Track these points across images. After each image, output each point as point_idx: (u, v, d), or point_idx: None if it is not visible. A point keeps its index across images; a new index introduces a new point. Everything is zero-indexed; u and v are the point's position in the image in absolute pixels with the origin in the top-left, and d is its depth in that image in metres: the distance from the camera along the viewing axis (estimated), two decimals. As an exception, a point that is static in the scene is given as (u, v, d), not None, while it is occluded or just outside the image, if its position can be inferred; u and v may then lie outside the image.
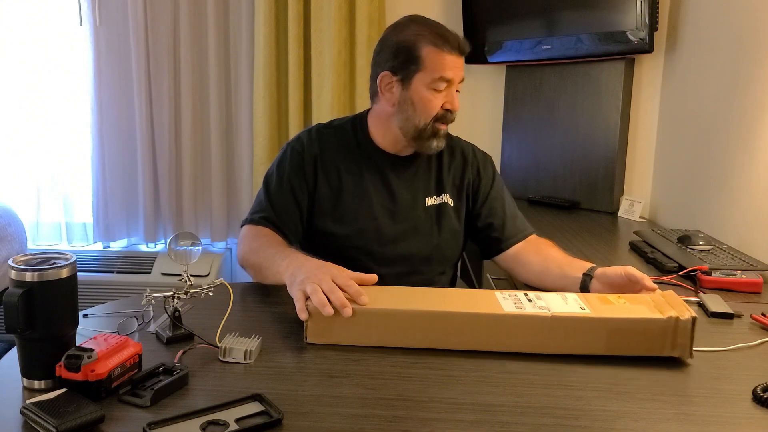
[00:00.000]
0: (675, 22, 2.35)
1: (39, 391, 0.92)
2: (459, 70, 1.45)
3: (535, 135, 2.63)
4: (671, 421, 0.90)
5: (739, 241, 1.80)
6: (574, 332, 1.08)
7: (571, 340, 1.09)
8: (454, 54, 1.43)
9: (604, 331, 1.08)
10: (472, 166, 1.59)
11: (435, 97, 1.44)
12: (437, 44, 1.42)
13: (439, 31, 1.44)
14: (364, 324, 1.10)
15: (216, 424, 0.85)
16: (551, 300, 1.14)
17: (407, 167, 1.54)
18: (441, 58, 1.42)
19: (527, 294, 1.16)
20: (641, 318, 1.08)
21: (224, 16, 2.67)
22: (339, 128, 1.57)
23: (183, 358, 1.04)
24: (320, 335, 1.11)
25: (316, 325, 1.11)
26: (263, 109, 2.61)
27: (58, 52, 2.71)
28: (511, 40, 2.56)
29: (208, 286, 1.15)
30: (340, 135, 1.55)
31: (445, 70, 1.42)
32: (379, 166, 1.53)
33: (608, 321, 1.08)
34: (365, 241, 1.49)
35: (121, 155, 2.76)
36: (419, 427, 0.87)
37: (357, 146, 1.54)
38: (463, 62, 1.46)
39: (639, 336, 1.08)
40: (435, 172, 1.56)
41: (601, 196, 2.47)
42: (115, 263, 2.72)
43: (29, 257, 0.96)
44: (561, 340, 1.09)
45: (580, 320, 1.08)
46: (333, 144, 1.53)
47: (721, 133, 1.96)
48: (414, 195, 1.53)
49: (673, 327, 1.07)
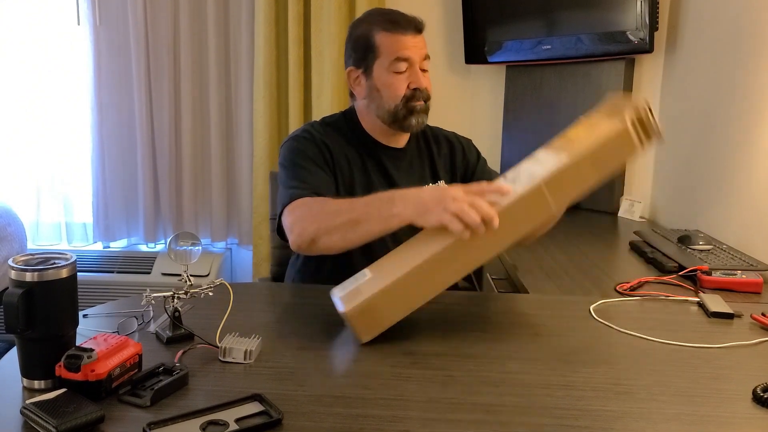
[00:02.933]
0: (675, 22, 2.35)
1: (39, 391, 0.92)
2: (416, 48, 1.47)
3: (535, 135, 2.63)
4: (671, 421, 0.90)
5: (739, 241, 1.80)
6: (569, 184, 1.12)
7: (569, 192, 1.12)
8: (408, 34, 1.46)
9: (589, 164, 1.12)
10: (458, 150, 1.63)
11: (397, 79, 1.47)
12: (388, 29, 1.46)
13: (391, 16, 1.48)
14: (402, 293, 1.10)
15: (216, 424, 0.85)
16: (529, 170, 1.17)
17: (402, 158, 1.57)
18: (394, 40, 1.46)
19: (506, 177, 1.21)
20: (612, 134, 1.12)
21: (224, 16, 2.68)
22: (335, 124, 1.57)
23: (183, 358, 1.04)
24: (371, 328, 1.11)
25: (363, 321, 1.10)
26: (263, 109, 2.62)
27: (58, 52, 2.71)
28: (511, 40, 2.56)
29: (208, 286, 1.15)
30: (338, 130, 1.56)
31: (399, 50, 1.45)
32: (378, 157, 1.55)
33: (589, 154, 1.12)
34: None
35: (121, 155, 2.76)
36: (419, 427, 0.87)
37: (356, 139, 1.55)
38: (423, 40, 1.48)
39: (617, 149, 1.12)
40: (428, 161, 1.60)
41: (601, 196, 2.47)
42: (115, 263, 2.72)
43: (29, 257, 0.96)
44: (561, 197, 1.12)
45: (567, 172, 1.11)
46: (337, 138, 1.54)
47: (721, 133, 1.96)
48: (414, 184, 1.55)
49: (636, 123, 1.11)
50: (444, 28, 2.70)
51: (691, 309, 1.36)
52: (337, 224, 1.25)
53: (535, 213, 1.14)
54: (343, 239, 1.26)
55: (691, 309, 1.36)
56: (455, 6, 2.65)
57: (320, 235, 1.27)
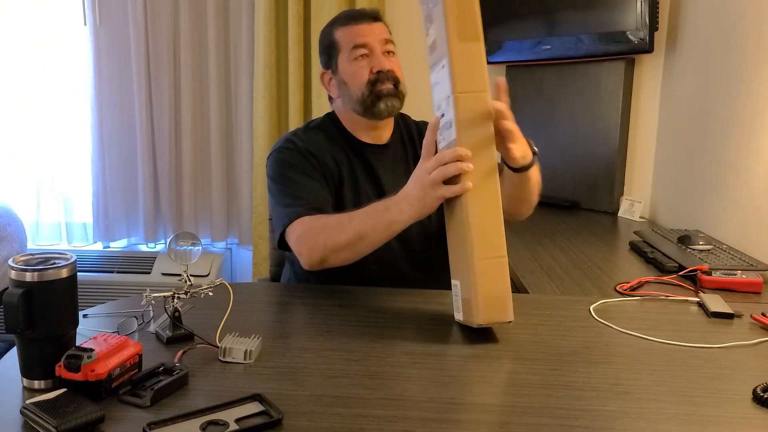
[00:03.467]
0: (675, 22, 2.35)
1: (39, 391, 0.92)
2: (374, 33, 1.49)
3: (535, 135, 2.60)
4: (671, 421, 0.90)
5: (739, 241, 1.80)
6: (470, 64, 1.23)
7: (478, 73, 1.23)
8: (363, 23, 1.50)
9: (457, 39, 1.20)
10: None
11: (360, 66, 1.49)
12: (344, 23, 1.51)
13: (346, 12, 1.54)
14: (486, 261, 1.13)
15: (216, 424, 0.85)
16: (442, 95, 1.24)
17: (386, 154, 1.57)
18: (350, 31, 1.50)
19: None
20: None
21: (224, 16, 2.68)
22: (319, 126, 1.58)
23: (183, 358, 1.04)
24: (504, 308, 1.13)
25: (495, 312, 1.12)
26: (263, 109, 2.61)
27: (58, 52, 2.71)
28: (511, 40, 2.56)
29: (208, 286, 1.15)
30: (323, 131, 1.56)
31: (356, 38, 1.49)
32: (364, 156, 1.55)
33: (453, 32, 1.19)
34: None
35: (121, 155, 2.76)
36: (419, 427, 0.87)
37: (340, 140, 1.56)
38: (381, 26, 1.52)
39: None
40: (412, 154, 1.60)
41: (601, 196, 2.47)
42: (115, 263, 2.72)
43: (29, 257, 0.96)
44: (478, 83, 1.25)
45: (456, 53, 1.21)
46: (321, 141, 1.54)
47: (721, 133, 1.96)
48: (398, 179, 1.54)
49: None
50: (444, 28, 2.70)
51: (691, 309, 1.36)
52: (343, 242, 1.28)
53: (480, 115, 1.22)
54: (352, 253, 1.30)
55: (691, 309, 1.36)
56: (455, 6, 2.64)
57: (328, 255, 1.30)
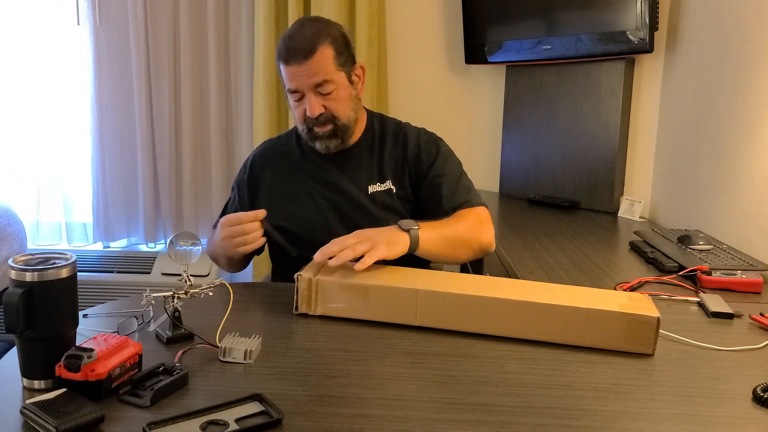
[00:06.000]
0: (675, 22, 2.35)
1: (39, 391, 0.92)
2: (304, 76, 1.42)
3: (535, 135, 2.63)
4: (671, 421, 0.90)
5: (739, 241, 1.80)
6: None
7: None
8: (292, 64, 1.43)
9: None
10: (412, 150, 1.57)
11: (296, 106, 1.49)
12: (279, 59, 1.46)
13: (284, 43, 1.45)
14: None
15: (216, 424, 0.85)
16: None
17: (348, 159, 1.57)
18: (284, 71, 1.46)
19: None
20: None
21: (224, 16, 2.68)
22: (285, 137, 1.66)
23: (183, 358, 1.04)
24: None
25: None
26: (263, 109, 2.62)
27: (58, 52, 2.71)
28: (511, 40, 2.56)
29: (208, 286, 1.15)
30: (283, 143, 1.64)
31: (288, 82, 1.46)
32: (318, 164, 1.57)
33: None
34: (316, 236, 1.48)
35: (121, 155, 2.76)
36: (419, 427, 0.87)
37: (299, 148, 1.60)
38: (313, 65, 1.41)
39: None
40: (377, 159, 1.57)
41: (601, 196, 2.47)
42: (115, 263, 2.72)
43: (29, 257, 0.96)
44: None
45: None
46: (273, 154, 1.63)
47: (721, 133, 1.96)
48: (357, 185, 1.55)
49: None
50: (444, 28, 2.70)
51: (691, 309, 1.36)
52: (210, 251, 1.58)
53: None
54: (222, 264, 1.57)
55: (691, 309, 1.36)
56: (455, 6, 2.65)
57: (213, 258, 1.58)
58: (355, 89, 1.51)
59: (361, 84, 1.54)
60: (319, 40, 1.42)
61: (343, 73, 1.47)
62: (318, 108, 1.45)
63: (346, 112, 1.48)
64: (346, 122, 1.49)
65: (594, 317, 1.11)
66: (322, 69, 1.43)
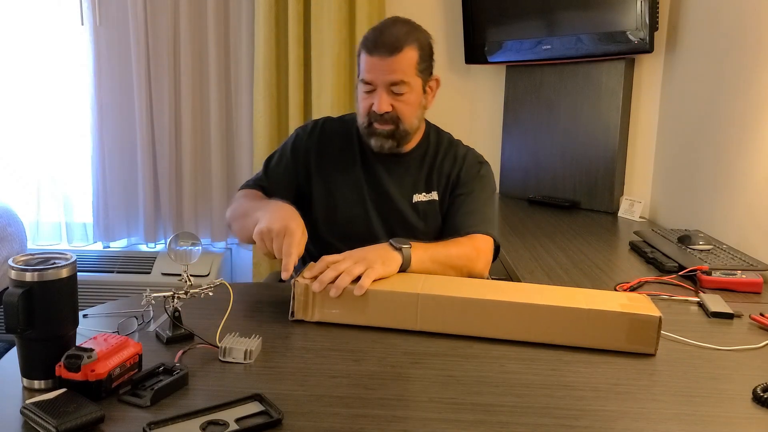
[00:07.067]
0: (675, 22, 2.35)
1: (39, 391, 0.92)
2: (380, 72, 1.43)
3: (535, 135, 2.63)
4: (671, 421, 0.90)
5: (739, 241, 1.80)
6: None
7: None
8: (376, 56, 1.43)
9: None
10: (457, 167, 1.58)
11: (363, 98, 1.48)
12: (364, 48, 1.46)
13: (373, 34, 1.46)
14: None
15: (216, 424, 0.85)
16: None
17: (398, 164, 1.56)
18: (364, 61, 1.46)
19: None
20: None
21: (224, 16, 2.67)
22: (346, 123, 1.60)
23: (183, 358, 1.04)
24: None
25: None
26: (263, 109, 2.61)
27: (58, 52, 2.71)
28: (511, 40, 2.56)
29: (208, 286, 1.15)
30: (344, 129, 1.59)
31: (364, 72, 1.46)
32: (371, 161, 1.56)
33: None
34: (354, 229, 1.51)
35: (121, 155, 2.76)
36: (419, 427, 0.87)
37: (358, 141, 1.57)
38: (394, 63, 1.42)
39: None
40: (426, 170, 1.57)
41: (601, 196, 2.47)
42: (115, 263, 2.72)
43: (29, 257, 0.96)
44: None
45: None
46: (332, 138, 1.57)
47: (721, 133, 1.96)
48: (402, 191, 1.55)
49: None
50: (444, 28, 2.70)
51: (691, 309, 1.36)
52: (240, 223, 1.46)
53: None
54: (236, 232, 1.49)
55: (691, 309, 1.36)
56: (455, 6, 2.65)
57: (229, 222, 1.52)
58: (425, 99, 1.51)
59: (432, 97, 1.54)
60: (408, 41, 1.43)
61: (420, 80, 1.47)
62: (386, 105, 1.44)
63: (410, 117, 1.48)
64: (408, 127, 1.49)
65: (596, 318, 1.11)
66: (403, 69, 1.43)
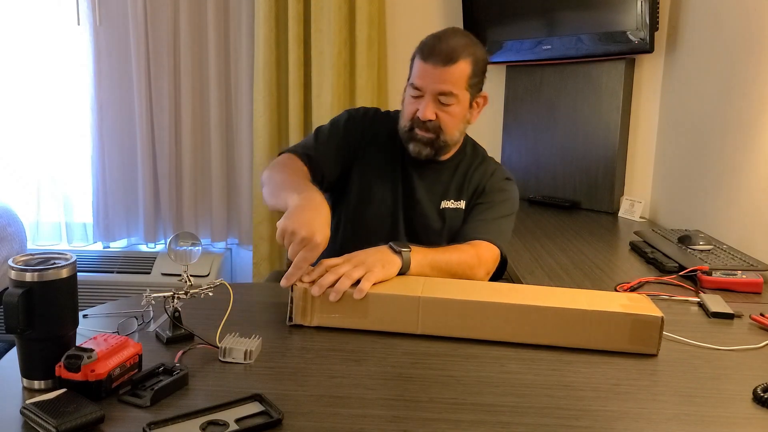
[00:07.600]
0: (675, 22, 2.36)
1: (39, 391, 0.92)
2: (431, 79, 1.43)
3: (535, 135, 2.63)
4: (671, 421, 0.90)
5: (739, 241, 1.80)
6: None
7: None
8: (430, 63, 1.43)
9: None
10: (484, 181, 1.58)
11: (409, 102, 1.48)
12: (419, 53, 1.46)
13: (431, 41, 1.46)
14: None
15: (216, 424, 0.85)
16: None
17: (432, 172, 1.56)
18: (417, 66, 1.47)
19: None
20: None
21: (224, 16, 2.67)
22: (392, 121, 1.59)
23: (183, 358, 1.04)
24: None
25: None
26: (263, 109, 2.61)
27: (57, 52, 2.71)
28: (511, 40, 2.56)
29: (208, 286, 1.15)
30: (390, 126, 1.58)
31: (415, 77, 1.46)
32: (408, 164, 1.56)
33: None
34: (379, 225, 1.52)
35: (121, 155, 2.76)
36: (419, 427, 0.87)
37: (400, 141, 1.57)
38: (446, 73, 1.42)
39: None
40: (458, 179, 1.57)
41: (601, 196, 2.47)
42: (115, 263, 2.72)
43: (29, 257, 0.96)
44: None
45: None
46: (382, 131, 1.59)
47: (721, 133, 1.96)
48: (431, 197, 1.56)
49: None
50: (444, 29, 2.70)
51: (692, 309, 1.36)
52: (272, 190, 1.41)
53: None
54: (267, 195, 1.43)
55: (692, 309, 1.36)
56: (455, 6, 2.65)
57: (264, 182, 1.46)
58: (470, 114, 1.51)
59: (477, 113, 1.54)
60: (463, 54, 1.43)
61: (469, 94, 1.47)
62: (431, 114, 1.45)
63: (452, 130, 1.48)
64: (448, 139, 1.49)
65: (597, 319, 1.11)
66: (453, 81, 1.43)
